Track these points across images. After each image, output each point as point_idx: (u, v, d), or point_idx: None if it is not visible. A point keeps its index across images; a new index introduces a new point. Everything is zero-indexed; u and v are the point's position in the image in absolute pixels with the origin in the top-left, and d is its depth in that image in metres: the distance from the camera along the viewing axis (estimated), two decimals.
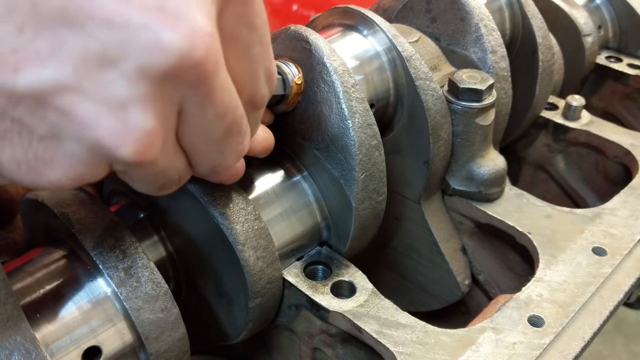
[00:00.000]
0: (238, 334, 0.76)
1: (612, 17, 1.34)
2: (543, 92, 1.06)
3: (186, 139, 0.49)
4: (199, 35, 0.41)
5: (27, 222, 0.76)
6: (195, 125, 0.48)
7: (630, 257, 0.82)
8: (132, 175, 0.50)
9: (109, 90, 0.40)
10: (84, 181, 0.46)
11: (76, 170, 0.44)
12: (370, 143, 0.73)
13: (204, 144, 0.51)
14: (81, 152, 0.43)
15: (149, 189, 0.53)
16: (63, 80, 0.39)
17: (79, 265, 0.65)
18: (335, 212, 0.77)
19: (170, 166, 0.50)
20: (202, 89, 0.44)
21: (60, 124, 0.41)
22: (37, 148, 0.42)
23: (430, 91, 0.82)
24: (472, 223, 0.93)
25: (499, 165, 0.90)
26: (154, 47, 0.39)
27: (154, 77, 0.41)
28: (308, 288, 0.74)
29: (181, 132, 0.48)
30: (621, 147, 1.06)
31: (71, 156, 0.43)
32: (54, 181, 0.44)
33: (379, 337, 0.69)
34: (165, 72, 0.41)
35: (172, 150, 0.49)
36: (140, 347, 0.64)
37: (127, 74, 0.40)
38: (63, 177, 0.44)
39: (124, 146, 0.42)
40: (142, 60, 0.39)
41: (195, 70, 0.42)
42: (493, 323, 0.72)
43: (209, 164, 0.54)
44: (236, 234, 0.68)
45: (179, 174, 0.52)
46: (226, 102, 0.47)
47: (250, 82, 0.52)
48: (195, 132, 0.49)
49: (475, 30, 0.91)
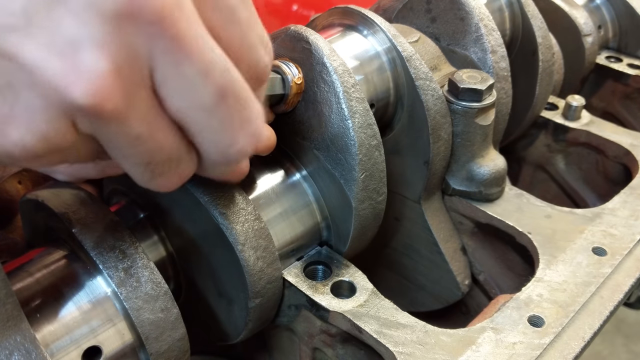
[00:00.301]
0: (238, 334, 0.76)
1: (612, 17, 1.34)
2: (543, 92, 1.06)
3: (172, 105, 0.46)
4: None
5: (27, 222, 0.76)
6: (175, 85, 0.44)
7: (630, 257, 0.82)
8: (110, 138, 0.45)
9: (58, 29, 0.38)
10: (48, 142, 0.43)
11: (38, 125, 0.42)
12: (370, 143, 0.73)
13: (195, 112, 0.46)
14: (37, 101, 0.41)
15: (138, 169, 0.49)
16: (11, 21, 0.38)
17: (79, 265, 0.65)
18: (335, 212, 0.77)
19: (153, 137, 0.46)
20: (168, 35, 0.41)
21: (11, 69, 0.39)
22: None
23: (430, 91, 0.82)
24: (472, 223, 0.93)
25: (499, 165, 0.90)
26: None
27: (106, 15, 0.39)
28: (308, 288, 0.74)
29: (163, 95, 0.45)
30: (621, 147, 1.06)
31: (29, 108, 0.41)
32: (17, 140, 0.42)
33: (379, 337, 0.69)
34: (116, 10, 0.39)
35: (153, 117, 0.45)
36: (140, 347, 0.64)
37: (76, 11, 0.38)
38: (26, 134, 0.42)
39: (74, 86, 0.40)
40: None
41: (151, 10, 0.40)
42: (493, 323, 0.72)
43: (216, 145, 0.49)
44: (236, 234, 0.68)
45: (169, 153, 0.48)
46: (207, 56, 0.44)
47: (247, 50, 0.49)
48: (179, 94, 0.45)
49: (475, 30, 0.91)
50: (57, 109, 0.41)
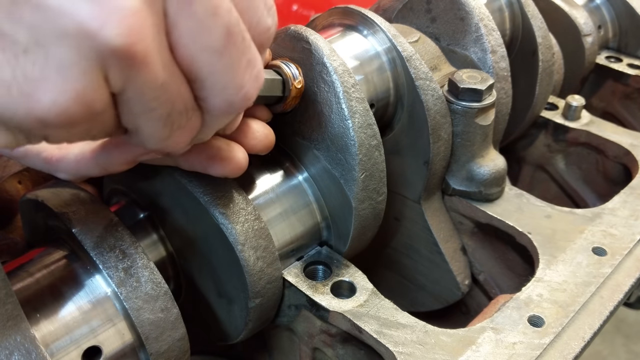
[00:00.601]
0: (238, 334, 0.76)
1: (612, 17, 1.34)
2: (543, 92, 1.06)
3: (183, 50, 0.45)
4: None
5: (27, 222, 0.76)
6: (186, 27, 0.44)
7: (630, 257, 0.82)
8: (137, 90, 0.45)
9: None
10: (84, 102, 0.42)
11: (71, 83, 0.41)
12: (370, 143, 0.73)
13: (205, 54, 0.46)
14: (69, 56, 0.40)
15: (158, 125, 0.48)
16: None
17: (79, 265, 0.65)
18: (335, 212, 0.77)
19: (172, 85, 0.46)
20: None
21: (38, 21, 0.39)
22: (24, 64, 0.40)
23: (430, 91, 0.82)
24: (472, 223, 0.93)
25: (499, 165, 0.90)
26: None
27: None
28: (308, 288, 0.74)
29: (174, 40, 0.45)
30: (621, 147, 1.06)
31: (60, 66, 0.40)
32: (50, 104, 0.41)
33: (379, 337, 0.69)
34: None
35: (171, 63, 0.45)
36: (140, 347, 0.64)
37: None
38: (59, 95, 0.41)
39: (107, 27, 0.39)
40: None
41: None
42: (493, 323, 0.72)
43: (224, 90, 0.49)
44: (236, 234, 0.68)
45: (184, 103, 0.48)
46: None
47: (248, 7, 0.48)
48: (190, 37, 0.45)
49: (475, 30, 0.91)
50: (90, 59, 0.40)
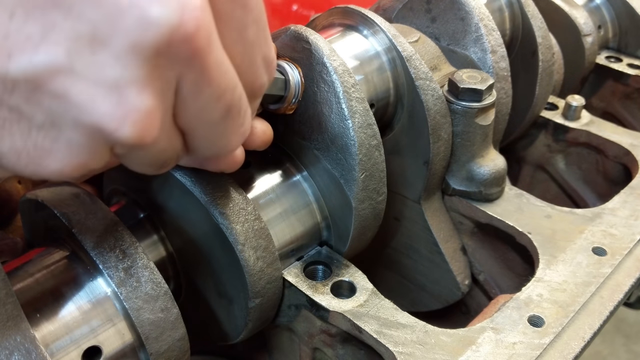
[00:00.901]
0: (238, 334, 0.76)
1: (612, 17, 1.34)
2: (543, 92, 1.06)
3: (184, 120, 0.48)
4: (189, 9, 0.40)
5: (27, 222, 0.76)
6: (192, 106, 0.47)
7: (630, 257, 0.82)
8: (133, 157, 0.49)
9: (102, 71, 0.40)
10: (86, 169, 0.45)
11: (78, 158, 0.43)
12: (370, 143, 0.73)
13: (203, 126, 0.50)
14: (81, 138, 0.42)
15: (148, 170, 0.52)
16: (56, 63, 0.39)
17: (79, 265, 0.65)
18: (335, 212, 0.77)
19: (169, 146, 0.49)
20: (197, 65, 0.43)
21: (57, 109, 0.41)
22: (36, 137, 0.42)
23: (430, 91, 0.82)
24: (472, 223, 0.93)
25: (499, 165, 0.90)
26: (143, 23, 0.39)
27: (146, 55, 0.40)
28: (308, 288, 0.74)
29: (178, 112, 0.47)
30: (621, 147, 1.06)
31: (71, 143, 0.42)
32: (55, 171, 0.43)
33: (379, 337, 0.69)
34: (156, 48, 0.40)
35: (171, 130, 0.48)
36: (140, 347, 0.64)
37: (119, 54, 0.39)
38: (65, 166, 0.43)
39: (123, 128, 0.42)
40: (132, 38, 0.39)
41: (187, 45, 0.41)
42: (493, 323, 0.72)
43: (212, 148, 0.53)
44: (236, 234, 0.68)
45: (176, 152, 0.51)
46: (223, 81, 0.46)
47: (248, 67, 0.51)
48: (194, 113, 0.48)
49: (475, 30, 0.91)
50: (100, 143, 0.43)
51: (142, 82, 0.41)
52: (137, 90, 0.41)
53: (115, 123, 0.41)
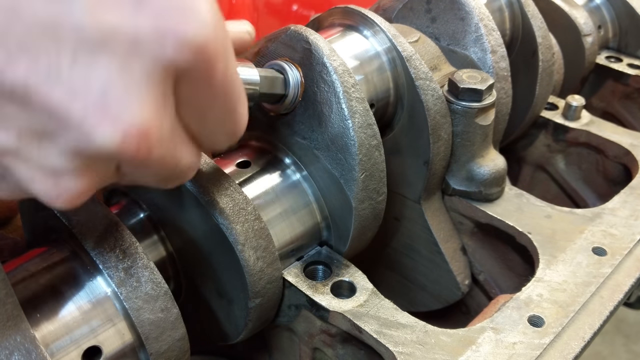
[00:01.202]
0: (238, 334, 0.76)
1: (612, 17, 1.34)
2: (543, 92, 1.06)
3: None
4: (134, 134, 0.43)
5: (27, 222, 0.76)
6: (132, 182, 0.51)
7: (630, 257, 0.82)
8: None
9: (45, 159, 0.44)
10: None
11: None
12: (370, 143, 0.73)
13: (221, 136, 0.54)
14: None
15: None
16: (6, 145, 0.43)
17: (79, 265, 0.65)
18: (335, 212, 0.77)
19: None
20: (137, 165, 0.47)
21: (5, 175, 0.46)
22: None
23: (430, 91, 0.82)
24: (472, 223, 0.93)
25: (499, 165, 0.90)
26: (87, 139, 0.42)
27: (86, 156, 0.44)
28: (308, 288, 0.74)
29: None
30: (621, 147, 1.06)
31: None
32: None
33: (379, 337, 0.69)
34: (97, 156, 0.44)
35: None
36: (140, 347, 0.64)
37: (63, 151, 0.44)
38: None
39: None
40: (76, 145, 0.43)
41: (128, 160, 0.45)
42: (493, 323, 0.72)
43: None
44: (236, 234, 0.68)
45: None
46: (162, 172, 0.50)
47: (207, 138, 0.53)
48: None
49: (475, 30, 0.91)
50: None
51: (79, 171, 0.45)
52: (73, 178, 0.46)
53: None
